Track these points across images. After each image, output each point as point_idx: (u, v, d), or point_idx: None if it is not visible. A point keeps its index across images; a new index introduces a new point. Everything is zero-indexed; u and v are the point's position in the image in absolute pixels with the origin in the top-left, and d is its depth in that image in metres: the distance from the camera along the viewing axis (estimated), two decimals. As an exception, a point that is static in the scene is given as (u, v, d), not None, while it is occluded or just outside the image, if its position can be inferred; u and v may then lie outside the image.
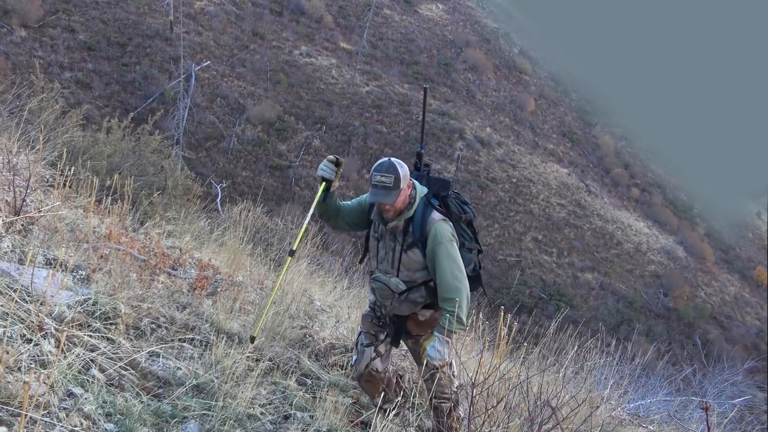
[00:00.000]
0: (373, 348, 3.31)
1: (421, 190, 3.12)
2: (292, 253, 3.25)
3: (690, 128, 62.85)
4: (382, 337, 3.33)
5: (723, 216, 44.66)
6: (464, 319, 3.01)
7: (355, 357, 3.40)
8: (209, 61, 29.18)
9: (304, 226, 3.26)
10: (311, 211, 3.22)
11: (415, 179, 3.16)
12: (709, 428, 2.44)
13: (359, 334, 3.41)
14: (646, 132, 52.03)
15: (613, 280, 28.44)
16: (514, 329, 3.27)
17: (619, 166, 40.79)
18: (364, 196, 3.25)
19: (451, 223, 3.10)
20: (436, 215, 3.07)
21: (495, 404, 2.95)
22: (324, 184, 3.18)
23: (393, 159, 3.02)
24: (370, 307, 3.39)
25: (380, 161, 3.03)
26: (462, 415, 3.23)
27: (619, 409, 4.55)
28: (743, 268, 37.68)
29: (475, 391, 2.90)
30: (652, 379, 6.50)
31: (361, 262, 3.52)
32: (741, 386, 7.73)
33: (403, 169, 3.00)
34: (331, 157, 3.21)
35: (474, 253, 3.23)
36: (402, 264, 3.11)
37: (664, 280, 30.02)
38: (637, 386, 5.83)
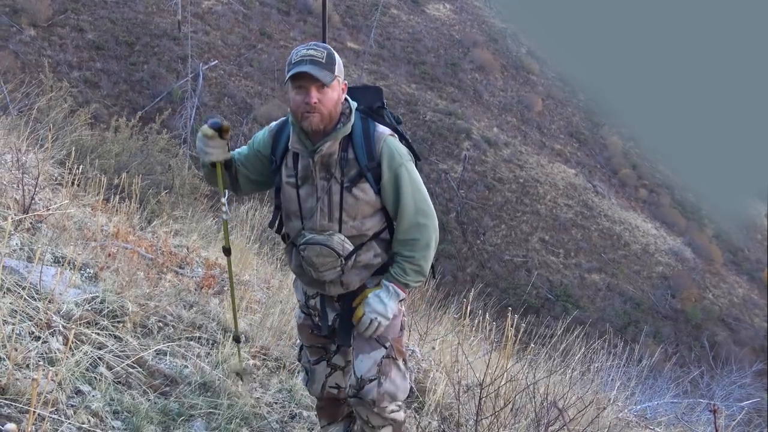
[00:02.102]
0: (325, 363, 2.52)
1: (352, 103, 2.25)
2: (227, 251, 2.56)
3: (698, 129, 62.50)
4: (333, 348, 2.50)
5: (731, 217, 44.35)
6: (426, 268, 2.23)
7: (304, 377, 2.61)
8: (217, 61, 29.24)
9: (224, 218, 2.49)
10: (223, 200, 2.41)
11: None
12: (717, 431, 2.42)
13: (300, 349, 2.60)
14: (654, 132, 51.77)
15: (620, 282, 28.30)
16: (521, 330, 3.27)
17: (627, 166, 40.56)
18: (259, 134, 2.34)
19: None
20: (382, 129, 2.23)
21: (502, 406, 2.95)
22: (219, 165, 2.28)
23: None
24: (301, 311, 2.50)
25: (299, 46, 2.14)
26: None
27: (626, 410, 4.52)
28: (752, 269, 37.37)
29: (482, 392, 2.89)
30: (659, 381, 6.47)
31: (271, 226, 2.41)
32: (749, 389, 7.68)
33: (338, 57, 2.14)
34: (207, 129, 2.16)
35: None
36: (345, 211, 2.18)
37: (672, 281, 29.84)
38: (644, 388, 5.80)
